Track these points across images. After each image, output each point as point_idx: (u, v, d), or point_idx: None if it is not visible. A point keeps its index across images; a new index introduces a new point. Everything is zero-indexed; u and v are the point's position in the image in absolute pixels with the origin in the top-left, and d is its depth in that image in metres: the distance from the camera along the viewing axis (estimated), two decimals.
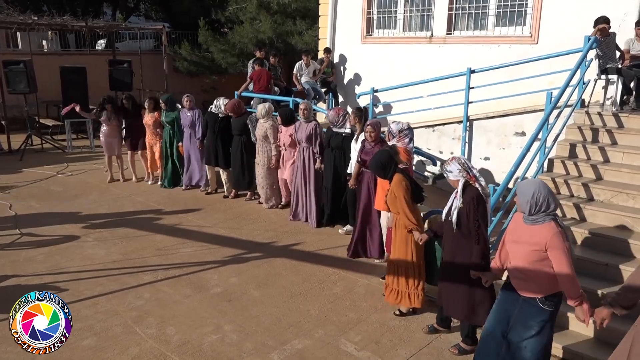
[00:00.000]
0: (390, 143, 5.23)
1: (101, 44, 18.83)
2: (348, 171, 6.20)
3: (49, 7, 18.55)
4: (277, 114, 7.29)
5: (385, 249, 5.22)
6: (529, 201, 3.14)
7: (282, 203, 7.53)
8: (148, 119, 8.43)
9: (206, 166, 8.09)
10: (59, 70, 11.82)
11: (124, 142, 8.82)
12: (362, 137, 5.84)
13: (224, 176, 8.01)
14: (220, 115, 7.72)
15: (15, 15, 11.86)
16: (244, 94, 9.33)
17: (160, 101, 8.28)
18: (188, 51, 15.37)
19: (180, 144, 8.28)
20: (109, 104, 8.54)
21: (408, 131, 5.26)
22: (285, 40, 13.19)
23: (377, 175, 4.79)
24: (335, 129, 6.43)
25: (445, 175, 3.93)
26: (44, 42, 16.46)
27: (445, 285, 4.10)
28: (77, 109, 8.64)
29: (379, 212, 5.53)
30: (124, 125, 8.76)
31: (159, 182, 8.69)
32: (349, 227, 6.40)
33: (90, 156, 10.80)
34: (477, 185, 3.83)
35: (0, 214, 7.16)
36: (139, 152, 8.79)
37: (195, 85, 15.51)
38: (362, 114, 6.05)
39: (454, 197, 3.90)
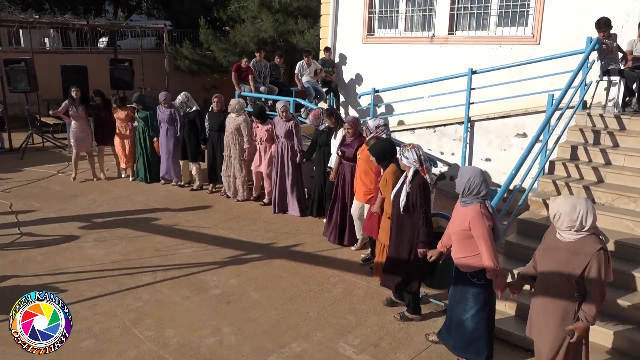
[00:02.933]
0: (368, 138, 5.45)
1: (103, 41, 18.79)
2: (329, 165, 6.58)
3: (51, 5, 18.56)
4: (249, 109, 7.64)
5: (364, 232, 5.65)
6: (464, 183, 3.56)
7: (254, 196, 7.80)
8: (120, 113, 8.57)
9: (181, 160, 8.43)
10: (60, 69, 11.80)
11: (93, 137, 8.93)
12: (340, 132, 6.29)
13: (194, 169, 8.33)
14: (187, 110, 8.09)
15: (17, 14, 11.85)
16: (243, 93, 9.41)
17: (134, 102, 8.49)
18: (189, 50, 15.34)
19: (155, 139, 8.47)
20: (76, 88, 8.57)
21: (384, 127, 5.50)
22: (287, 39, 13.16)
23: (376, 159, 4.85)
24: (319, 128, 6.83)
25: (399, 157, 4.33)
26: (46, 40, 16.44)
27: (388, 259, 4.55)
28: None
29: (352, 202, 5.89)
30: (93, 121, 8.86)
31: (131, 178, 8.90)
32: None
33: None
34: (426, 176, 4.26)
35: (1, 213, 7.16)
36: (111, 147, 8.91)
37: (196, 83, 15.48)
38: (332, 113, 6.57)
39: (402, 182, 4.31)
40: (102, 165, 9.01)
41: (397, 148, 4.65)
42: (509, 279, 4.31)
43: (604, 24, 6.05)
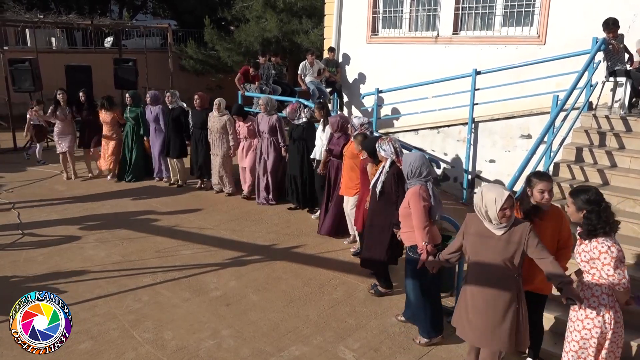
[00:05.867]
0: (353, 134, 5.73)
1: (109, 41, 18.86)
2: (312, 157, 6.87)
3: (56, 4, 18.62)
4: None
5: (355, 227, 5.81)
6: (407, 168, 4.04)
7: (245, 194, 7.95)
8: (105, 116, 8.66)
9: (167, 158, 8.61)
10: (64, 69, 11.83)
11: (77, 139, 8.98)
12: (328, 128, 6.52)
13: (178, 166, 8.55)
14: (170, 107, 8.30)
15: (22, 14, 11.89)
16: (247, 94, 9.43)
17: (127, 96, 8.69)
18: (194, 49, 15.35)
19: (146, 138, 8.66)
20: (62, 92, 8.66)
21: (368, 125, 5.86)
22: (291, 39, 13.12)
23: (368, 153, 5.08)
24: (295, 122, 7.10)
25: (377, 149, 4.65)
26: (53, 40, 16.50)
27: (366, 242, 4.91)
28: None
29: (340, 197, 6.11)
30: (78, 121, 8.95)
31: (109, 177, 9.01)
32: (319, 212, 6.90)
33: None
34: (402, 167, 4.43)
35: (3, 213, 7.17)
36: (92, 149, 9.00)
37: (201, 83, 15.48)
38: (323, 106, 6.84)
39: (380, 172, 4.62)
40: (89, 166, 9.11)
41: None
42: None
43: (613, 24, 5.97)
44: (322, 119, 6.78)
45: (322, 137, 6.72)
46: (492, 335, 3.27)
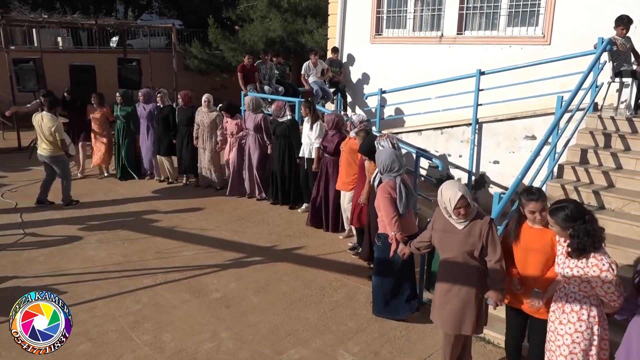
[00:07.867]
0: (352, 132, 5.85)
1: (114, 41, 18.90)
2: (300, 155, 7.05)
3: (62, 4, 18.70)
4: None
5: (349, 222, 6.03)
6: (380, 164, 4.38)
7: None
8: (95, 113, 8.75)
9: (157, 156, 8.77)
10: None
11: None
12: (316, 126, 6.77)
13: (166, 164, 8.71)
14: (160, 106, 8.49)
15: (27, 14, 11.92)
16: (250, 94, 9.40)
17: (117, 95, 8.77)
18: (198, 49, 15.35)
19: (137, 136, 8.78)
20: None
21: (367, 122, 5.96)
22: (296, 39, 13.09)
23: (368, 155, 5.23)
24: (279, 120, 7.28)
25: (376, 146, 4.81)
26: (59, 40, 16.55)
27: (366, 239, 5.25)
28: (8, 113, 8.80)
29: (336, 192, 6.30)
30: (65, 121, 8.88)
31: (105, 175, 9.18)
32: (304, 206, 7.25)
33: None
34: None
35: (6, 212, 7.18)
36: (80, 144, 9.05)
37: (205, 83, 15.48)
38: (310, 104, 7.00)
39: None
40: (78, 164, 9.13)
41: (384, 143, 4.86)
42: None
43: (627, 21, 5.91)
44: (308, 117, 6.92)
45: (309, 136, 6.85)
46: (454, 320, 3.50)
